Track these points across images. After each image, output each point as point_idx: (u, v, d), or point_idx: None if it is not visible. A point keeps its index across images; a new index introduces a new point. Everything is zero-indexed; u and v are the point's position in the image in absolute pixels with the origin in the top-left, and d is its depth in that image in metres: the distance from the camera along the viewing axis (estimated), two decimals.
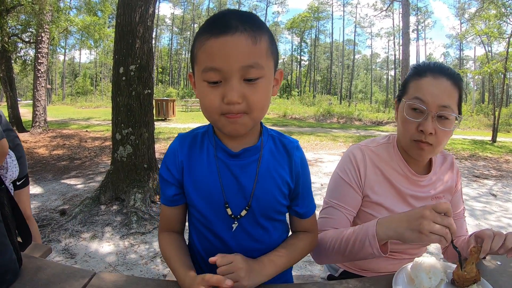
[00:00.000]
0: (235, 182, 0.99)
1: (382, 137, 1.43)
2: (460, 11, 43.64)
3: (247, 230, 1.02)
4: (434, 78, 1.19)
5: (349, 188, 1.30)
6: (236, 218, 1.00)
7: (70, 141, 10.06)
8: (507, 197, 5.97)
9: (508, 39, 13.57)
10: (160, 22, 58.86)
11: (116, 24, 4.71)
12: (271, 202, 1.02)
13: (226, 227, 1.01)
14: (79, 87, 54.34)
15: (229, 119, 0.86)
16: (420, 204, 1.31)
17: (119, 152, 4.64)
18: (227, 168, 0.99)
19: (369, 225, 1.07)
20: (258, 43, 0.83)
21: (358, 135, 13.90)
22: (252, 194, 0.99)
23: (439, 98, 1.16)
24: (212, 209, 1.00)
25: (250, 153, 1.00)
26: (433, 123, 1.17)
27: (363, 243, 1.05)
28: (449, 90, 1.18)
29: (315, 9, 54.42)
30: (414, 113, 1.21)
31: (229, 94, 0.81)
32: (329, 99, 36.11)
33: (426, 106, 1.17)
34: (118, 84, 4.60)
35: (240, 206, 1.00)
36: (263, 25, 0.87)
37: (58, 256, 3.28)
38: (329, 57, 61.93)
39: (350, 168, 1.31)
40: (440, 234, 0.90)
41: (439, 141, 1.20)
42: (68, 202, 4.85)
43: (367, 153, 1.33)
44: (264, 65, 0.85)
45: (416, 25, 51.49)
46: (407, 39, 19.98)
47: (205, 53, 0.83)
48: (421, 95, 1.19)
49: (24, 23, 11.90)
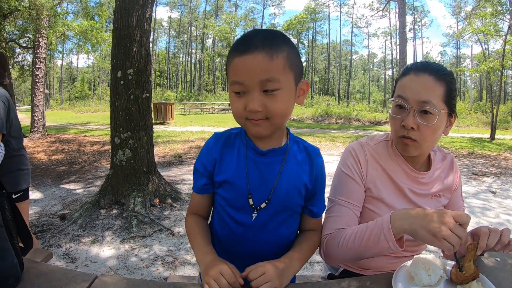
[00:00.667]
0: (260, 177, 1.11)
1: (380, 135, 1.45)
2: (456, 9, 43.77)
3: (265, 221, 1.13)
4: (416, 75, 1.23)
5: (353, 182, 1.32)
6: (256, 209, 1.11)
7: (69, 146, 10.05)
8: (506, 194, 5.99)
9: (505, 36, 13.64)
10: (157, 26, 58.90)
11: (113, 28, 4.71)
12: (289, 199, 1.13)
13: (247, 215, 1.13)
14: (77, 91, 54.22)
15: (252, 123, 1.01)
16: (420, 201, 1.32)
17: (118, 156, 4.64)
18: (254, 164, 1.12)
19: (383, 219, 1.07)
20: (275, 59, 0.95)
21: (357, 135, 13.92)
22: (273, 189, 1.11)
23: (419, 94, 1.19)
24: (237, 198, 1.12)
25: (276, 153, 1.13)
26: (415, 118, 1.20)
27: (378, 238, 1.04)
28: (430, 85, 1.20)
29: (311, 10, 54.38)
30: (398, 110, 1.26)
31: (250, 104, 0.96)
32: (327, 100, 36.08)
33: (407, 103, 1.22)
34: (116, 88, 4.61)
35: (262, 198, 1.11)
36: (284, 43, 0.99)
37: (59, 261, 3.28)
38: (326, 58, 61.95)
39: (352, 162, 1.34)
40: (452, 244, 0.91)
41: (424, 136, 1.22)
42: (68, 207, 4.84)
43: (367, 150, 1.36)
44: (281, 79, 0.96)
45: (413, 24, 51.55)
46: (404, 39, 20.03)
47: (232, 69, 0.99)
48: (402, 92, 1.24)
49: (22, 29, 11.93)
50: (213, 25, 44.96)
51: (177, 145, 10.06)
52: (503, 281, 1.04)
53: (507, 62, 13.49)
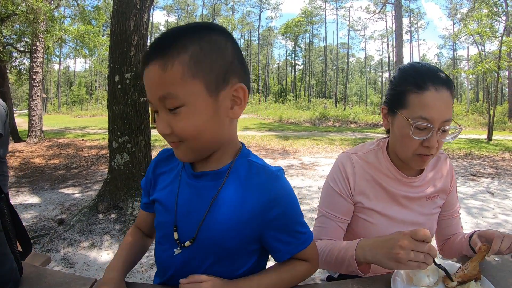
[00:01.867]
0: (189, 205, 0.91)
1: (370, 143, 1.42)
2: (452, 11, 43.99)
3: (189, 260, 0.91)
4: (437, 91, 1.12)
5: (339, 197, 1.30)
6: (180, 245, 0.91)
7: (67, 150, 10.03)
8: (504, 195, 6.00)
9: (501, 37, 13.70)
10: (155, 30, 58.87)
11: (110, 33, 4.72)
12: (225, 239, 0.87)
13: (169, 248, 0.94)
14: (74, 96, 54.25)
15: (171, 146, 0.86)
16: (414, 205, 1.32)
17: (116, 160, 4.64)
18: (186, 188, 0.93)
19: (350, 245, 1.10)
20: (169, 69, 0.75)
21: (354, 137, 13.93)
22: (200, 226, 0.88)
23: (443, 114, 1.12)
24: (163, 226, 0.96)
25: (210, 177, 0.90)
26: (437, 137, 1.15)
27: (344, 260, 1.09)
28: (450, 101, 1.14)
29: (308, 14, 54.65)
30: (419, 132, 1.15)
31: (157, 126, 0.82)
32: (324, 103, 36.13)
33: (432, 124, 1.12)
34: (113, 92, 4.61)
35: (188, 234, 0.90)
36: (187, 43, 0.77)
37: (57, 266, 3.27)
38: (323, 61, 62.14)
39: (339, 178, 1.31)
40: (419, 261, 0.89)
41: (439, 150, 1.20)
42: (65, 211, 4.83)
43: (356, 161, 1.32)
44: (180, 93, 0.76)
45: (409, 26, 51.82)
46: (401, 41, 20.13)
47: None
48: (427, 114, 1.12)
49: (19, 33, 11.91)
50: None
51: None
52: (501, 280, 1.04)
53: (503, 63, 13.55)
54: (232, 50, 0.82)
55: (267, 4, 58.95)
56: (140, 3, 4.59)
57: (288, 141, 12.05)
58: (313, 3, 55.32)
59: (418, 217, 1.32)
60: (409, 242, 0.90)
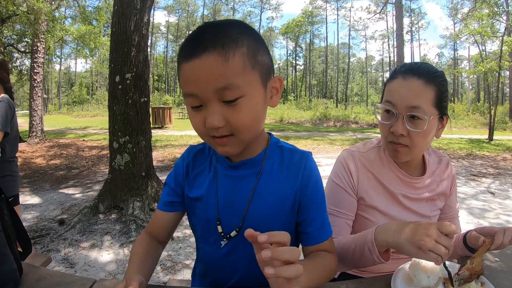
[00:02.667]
0: (230, 196, 0.94)
1: (371, 141, 1.43)
2: (453, 11, 43.99)
3: (239, 250, 0.94)
4: (404, 79, 1.19)
5: (345, 193, 1.29)
6: (226, 237, 0.94)
7: (67, 151, 10.05)
8: (506, 195, 5.99)
9: (502, 37, 13.69)
10: (155, 30, 58.99)
11: (111, 33, 4.73)
12: (269, 222, 0.92)
13: (215, 243, 0.96)
14: (75, 96, 54.27)
15: (217, 142, 0.83)
16: (415, 206, 1.31)
17: (116, 161, 4.64)
18: (225, 180, 0.95)
19: (368, 232, 1.06)
20: (231, 60, 0.75)
21: (355, 138, 13.93)
22: (245, 213, 0.92)
23: (407, 99, 1.16)
24: (205, 222, 0.97)
25: (248, 166, 0.94)
26: (404, 124, 1.16)
27: (363, 250, 1.04)
28: (419, 89, 1.16)
29: (309, 14, 54.67)
30: (386, 116, 1.23)
31: (209, 119, 0.78)
32: (325, 103, 36.15)
33: (395, 108, 1.18)
34: (114, 93, 4.61)
35: (233, 224, 0.93)
36: (240, 36, 0.78)
37: (58, 266, 3.27)
38: (324, 61, 62.14)
39: (342, 173, 1.31)
40: (439, 254, 0.87)
41: (414, 142, 1.19)
42: (66, 211, 4.83)
43: (358, 158, 1.33)
44: (242, 83, 0.77)
45: (410, 26, 51.80)
46: (401, 41, 20.12)
47: (182, 77, 0.80)
48: (390, 97, 1.20)
49: (20, 33, 11.95)
50: None
51: (175, 149, 10.05)
52: (501, 281, 1.04)
53: (504, 63, 13.54)
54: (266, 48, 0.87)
55: (268, 4, 59.04)
56: (140, 4, 4.60)
57: (289, 141, 11.98)
58: (314, 3, 55.40)
59: (416, 218, 1.31)
60: (436, 232, 0.89)
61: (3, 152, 2.43)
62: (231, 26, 0.80)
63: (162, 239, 1.06)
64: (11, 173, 2.51)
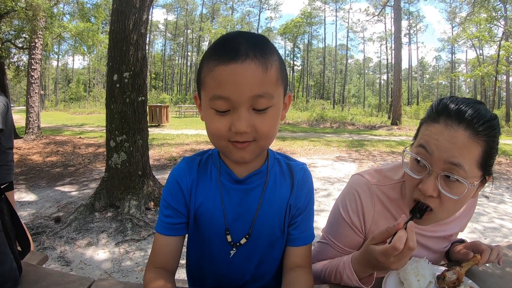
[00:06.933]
0: (238, 207, 0.96)
1: (395, 170, 1.20)
2: (451, 15, 44.14)
3: (245, 257, 0.99)
4: (446, 126, 0.94)
5: (349, 230, 1.15)
6: (235, 246, 0.97)
7: (64, 148, 10.02)
8: (500, 199, 6.04)
9: (499, 42, 13.79)
10: (153, 28, 58.84)
11: (110, 31, 4.73)
12: (274, 230, 0.99)
13: (223, 253, 0.98)
14: (72, 93, 54.12)
15: (236, 147, 0.83)
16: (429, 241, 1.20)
17: (113, 159, 4.64)
18: (230, 193, 0.96)
19: (344, 260, 1.05)
20: (269, 70, 0.78)
21: (351, 139, 13.96)
22: (253, 221, 0.96)
23: (447, 152, 0.92)
24: (213, 234, 0.97)
25: (256, 178, 0.97)
26: (436, 183, 0.94)
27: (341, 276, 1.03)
28: (464, 144, 0.91)
29: (307, 15, 54.70)
30: (417, 167, 1.00)
31: (237, 124, 0.78)
32: (322, 104, 36.21)
33: (430, 161, 0.95)
34: (112, 91, 4.61)
35: (241, 233, 0.97)
36: (274, 50, 0.83)
37: (54, 263, 3.27)
38: (322, 62, 62.23)
39: (353, 209, 1.14)
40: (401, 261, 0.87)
41: (444, 208, 0.98)
42: (62, 209, 4.83)
43: (376, 194, 1.14)
44: (274, 94, 0.81)
45: (408, 29, 52.00)
46: (399, 44, 20.20)
47: (214, 80, 0.78)
48: (425, 143, 0.97)
49: (18, 29, 11.88)
50: (209, 28, 45.19)
51: (172, 148, 10.05)
52: (491, 286, 1.06)
53: (501, 68, 13.64)
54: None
55: (266, 4, 59.06)
56: (139, 2, 4.60)
57: (285, 142, 12.05)
58: (312, 4, 55.48)
59: (428, 254, 1.18)
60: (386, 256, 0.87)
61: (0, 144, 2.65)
62: (264, 39, 0.84)
63: (172, 269, 1.00)
64: (6, 163, 2.73)
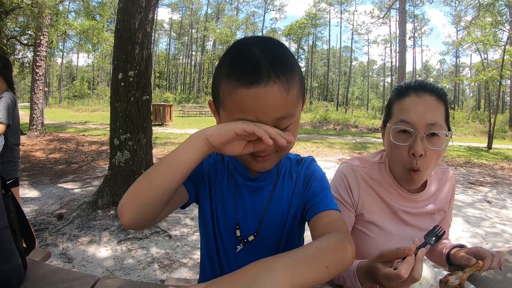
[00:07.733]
0: (249, 204, 0.99)
1: (373, 155, 1.39)
2: (456, 19, 43.96)
3: (251, 255, 0.98)
4: (417, 96, 1.16)
5: (342, 207, 1.27)
6: (243, 241, 0.98)
7: (67, 145, 10.06)
8: (502, 204, 6.03)
9: (504, 46, 13.74)
10: (158, 27, 58.95)
11: (115, 30, 4.75)
12: (282, 226, 0.98)
13: (230, 247, 1.00)
14: (76, 90, 54.14)
15: (258, 160, 0.85)
16: (414, 220, 1.30)
17: (117, 158, 4.66)
18: (243, 190, 0.99)
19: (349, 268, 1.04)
20: (291, 91, 0.77)
21: (354, 142, 13.96)
22: (262, 219, 0.97)
23: (425, 116, 1.12)
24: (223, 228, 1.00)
25: (266, 176, 0.99)
26: (423, 144, 1.12)
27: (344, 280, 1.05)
28: (434, 106, 1.14)
29: (312, 16, 54.64)
30: (402, 137, 1.16)
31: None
32: (325, 106, 36.13)
33: (413, 127, 1.13)
34: (116, 90, 4.63)
35: (250, 229, 0.98)
36: (294, 63, 0.80)
37: (56, 260, 3.29)
38: (326, 63, 62.09)
39: (342, 188, 1.29)
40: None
41: (428, 163, 1.15)
42: (65, 206, 4.85)
43: (359, 174, 1.30)
44: (296, 112, 0.81)
45: (413, 32, 51.76)
46: (404, 46, 20.14)
47: (235, 104, 0.76)
48: (405, 116, 1.15)
49: (23, 26, 11.93)
50: (214, 28, 45.15)
51: (175, 147, 10.04)
52: None
53: (506, 72, 13.60)
54: None
55: (271, 5, 59.05)
56: (145, 1, 4.61)
57: None
58: (317, 5, 55.40)
59: (415, 233, 1.29)
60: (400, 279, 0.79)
61: (6, 140, 2.71)
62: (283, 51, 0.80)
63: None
64: (13, 159, 2.79)
